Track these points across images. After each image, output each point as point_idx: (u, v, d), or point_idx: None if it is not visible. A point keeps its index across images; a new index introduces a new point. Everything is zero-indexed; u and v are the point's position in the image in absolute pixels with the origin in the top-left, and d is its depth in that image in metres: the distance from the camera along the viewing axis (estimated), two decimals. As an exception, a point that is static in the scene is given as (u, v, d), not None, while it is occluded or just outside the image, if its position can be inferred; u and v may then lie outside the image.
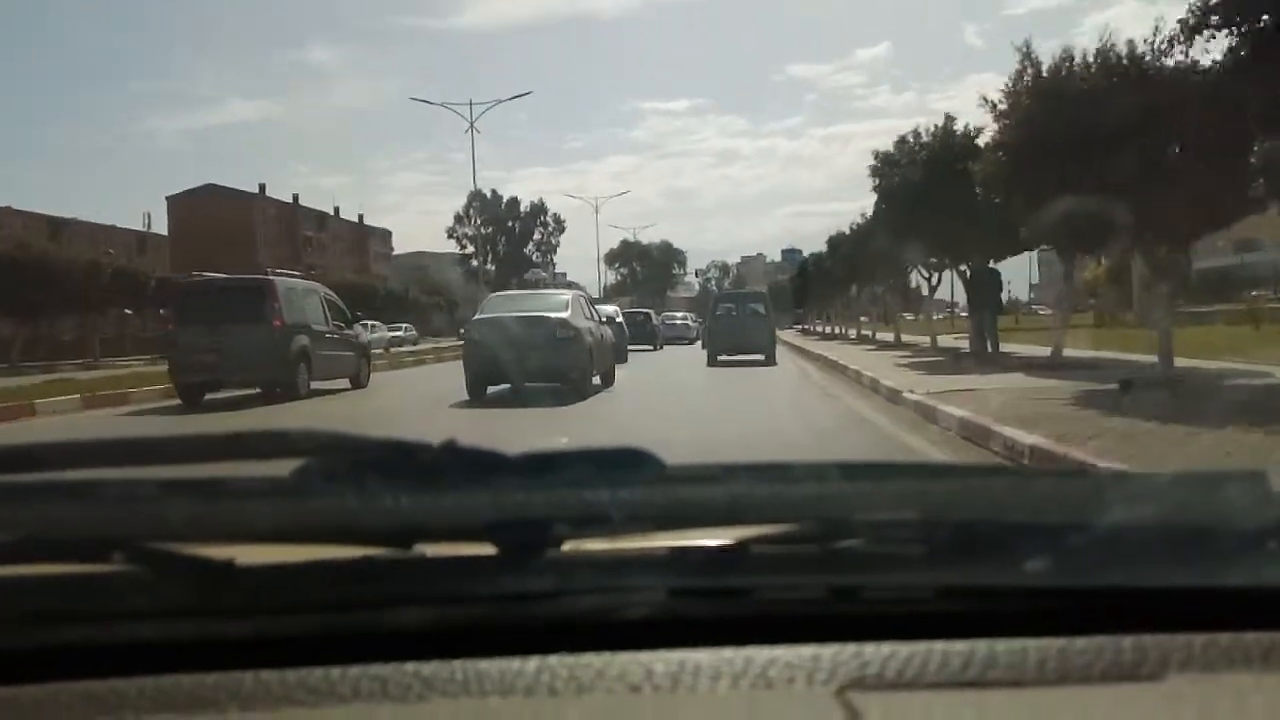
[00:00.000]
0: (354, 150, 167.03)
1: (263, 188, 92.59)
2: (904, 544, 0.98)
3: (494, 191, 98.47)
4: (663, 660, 0.87)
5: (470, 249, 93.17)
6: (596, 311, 17.03)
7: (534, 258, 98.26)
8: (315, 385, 15.23)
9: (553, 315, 14.32)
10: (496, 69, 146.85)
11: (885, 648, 0.87)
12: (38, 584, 0.95)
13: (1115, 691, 0.83)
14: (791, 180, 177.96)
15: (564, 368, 13.78)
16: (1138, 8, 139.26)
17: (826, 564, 0.98)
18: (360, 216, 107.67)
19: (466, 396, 13.57)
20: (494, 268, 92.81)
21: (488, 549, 0.95)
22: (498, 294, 18.84)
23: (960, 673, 0.85)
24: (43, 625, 0.93)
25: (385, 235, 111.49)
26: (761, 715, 0.82)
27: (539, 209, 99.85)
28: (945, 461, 6.14)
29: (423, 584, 0.96)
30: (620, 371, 17.03)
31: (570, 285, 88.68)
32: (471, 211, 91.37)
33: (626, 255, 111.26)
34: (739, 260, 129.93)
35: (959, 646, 0.87)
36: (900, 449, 7.88)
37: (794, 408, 12.81)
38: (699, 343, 32.71)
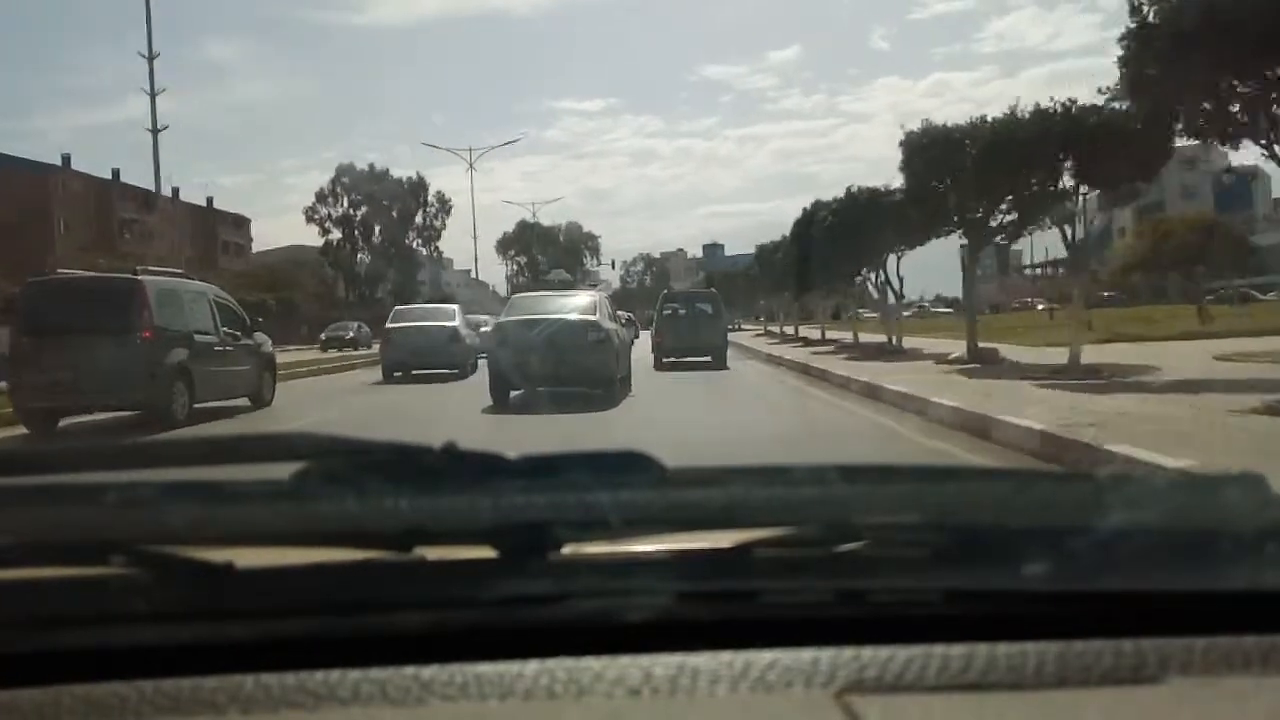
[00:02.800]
0: (260, 149, 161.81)
1: (67, 159, 73.62)
2: (906, 547, 0.99)
3: (354, 164, 79.14)
4: (662, 664, 0.87)
5: (335, 234, 76.89)
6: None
7: (415, 244, 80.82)
8: (207, 405, 12.84)
9: (584, 317, 13.77)
10: (406, 67, 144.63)
11: (884, 651, 0.87)
12: (38, 588, 0.95)
13: (1115, 694, 0.84)
14: (707, 180, 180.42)
15: (596, 372, 13.25)
16: (1037, 13, 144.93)
17: (829, 567, 0.98)
18: (209, 200, 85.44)
19: (411, 412, 12.89)
20: (367, 258, 77.65)
21: (488, 552, 0.95)
22: (521, 295, 18.04)
23: (960, 675, 0.85)
24: (43, 629, 0.93)
25: (240, 223, 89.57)
26: (760, 718, 0.83)
27: (417, 185, 79.13)
28: (946, 464, 6.08)
29: (422, 587, 0.96)
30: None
31: (470, 281, 75.92)
32: (339, 188, 76.18)
33: (524, 240, 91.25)
34: (659, 256, 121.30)
35: (958, 649, 0.88)
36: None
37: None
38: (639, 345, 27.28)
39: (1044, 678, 0.85)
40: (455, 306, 23.31)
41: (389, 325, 21.46)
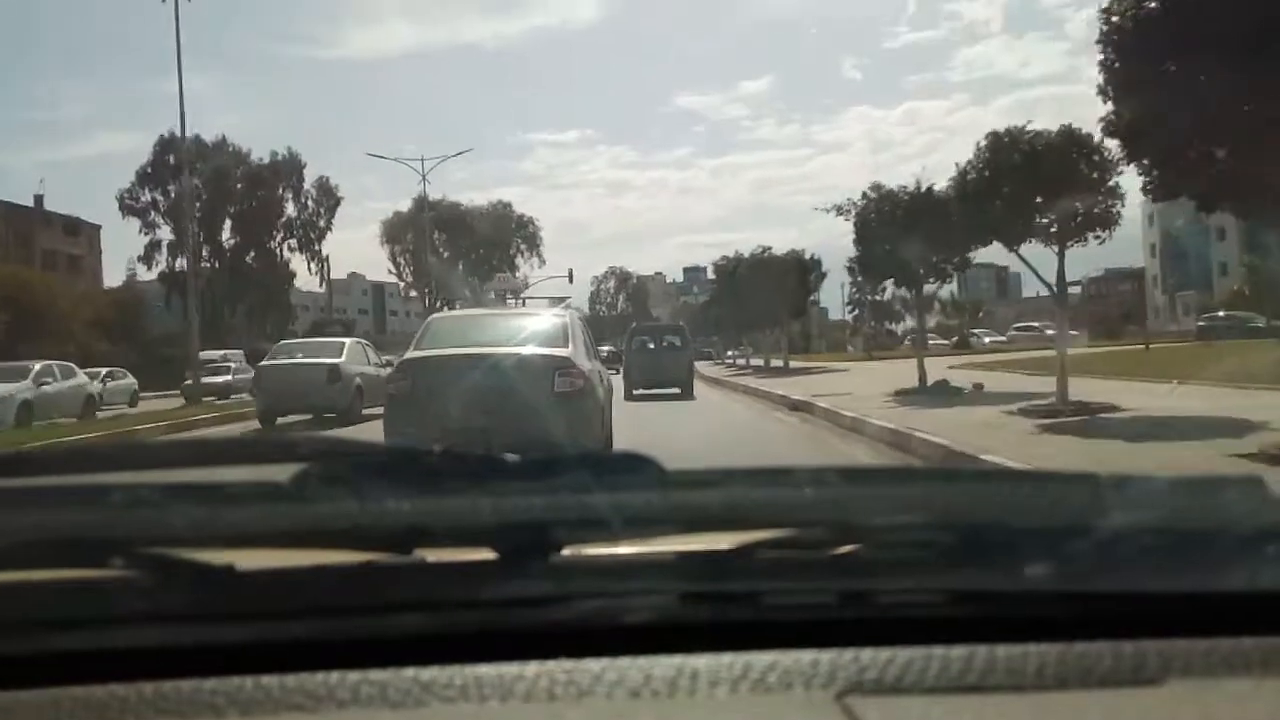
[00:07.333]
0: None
1: (39, 199, 57.06)
2: (906, 549, 0.99)
3: (189, 135, 40.37)
4: (662, 665, 0.87)
5: (165, 232, 52.10)
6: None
7: (289, 246, 55.11)
8: None
9: (547, 354, 8.90)
10: (377, 100, 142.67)
11: (885, 653, 0.87)
12: (38, 589, 0.95)
13: (1115, 696, 0.84)
14: (682, 211, 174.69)
15: (567, 441, 8.12)
16: (1006, 41, 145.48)
17: (829, 569, 0.98)
18: (37, 198, 59.69)
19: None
20: (211, 260, 51.97)
21: (487, 554, 0.95)
22: (442, 315, 12.62)
23: (960, 677, 0.85)
24: (43, 630, 0.92)
25: (75, 229, 61.12)
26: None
27: (289, 166, 53.85)
28: (946, 467, 6.05)
29: (422, 589, 0.96)
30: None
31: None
32: (170, 164, 49.73)
33: (417, 224, 54.78)
34: (636, 279, 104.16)
35: (958, 651, 0.88)
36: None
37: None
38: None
39: (1044, 679, 0.85)
40: (349, 340, 19.80)
41: (262, 364, 18.63)
